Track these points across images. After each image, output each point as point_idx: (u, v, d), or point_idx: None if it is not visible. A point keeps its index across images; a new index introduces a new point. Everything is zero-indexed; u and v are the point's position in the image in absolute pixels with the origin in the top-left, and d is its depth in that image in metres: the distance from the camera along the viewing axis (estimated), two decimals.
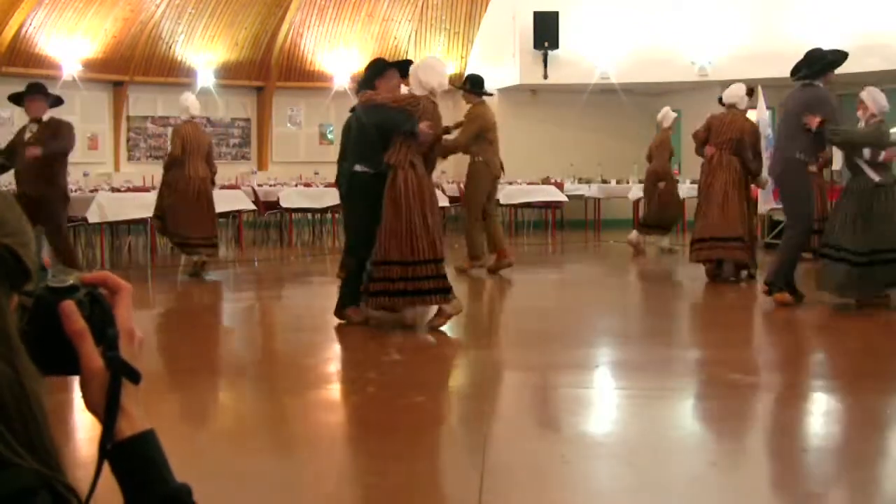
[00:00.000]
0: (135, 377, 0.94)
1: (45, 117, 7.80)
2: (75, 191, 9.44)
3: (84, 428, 3.65)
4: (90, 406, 0.93)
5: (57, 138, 7.69)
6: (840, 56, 7.08)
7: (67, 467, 0.84)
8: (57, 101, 7.95)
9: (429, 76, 6.03)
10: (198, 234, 8.89)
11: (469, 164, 9.05)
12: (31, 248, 0.85)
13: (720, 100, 8.66)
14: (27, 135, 7.76)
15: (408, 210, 5.88)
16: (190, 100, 9.07)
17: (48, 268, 0.92)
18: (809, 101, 6.90)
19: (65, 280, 0.91)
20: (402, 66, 6.48)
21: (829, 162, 8.95)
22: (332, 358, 5.83)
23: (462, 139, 8.62)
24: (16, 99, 7.91)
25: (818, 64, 6.95)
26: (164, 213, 8.95)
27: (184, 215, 8.77)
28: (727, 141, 8.30)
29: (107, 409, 0.92)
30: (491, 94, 9.70)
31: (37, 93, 7.78)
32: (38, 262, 0.87)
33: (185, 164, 8.79)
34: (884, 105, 6.87)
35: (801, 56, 7.04)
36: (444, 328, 6.17)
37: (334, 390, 5.07)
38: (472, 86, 9.06)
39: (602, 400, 4.72)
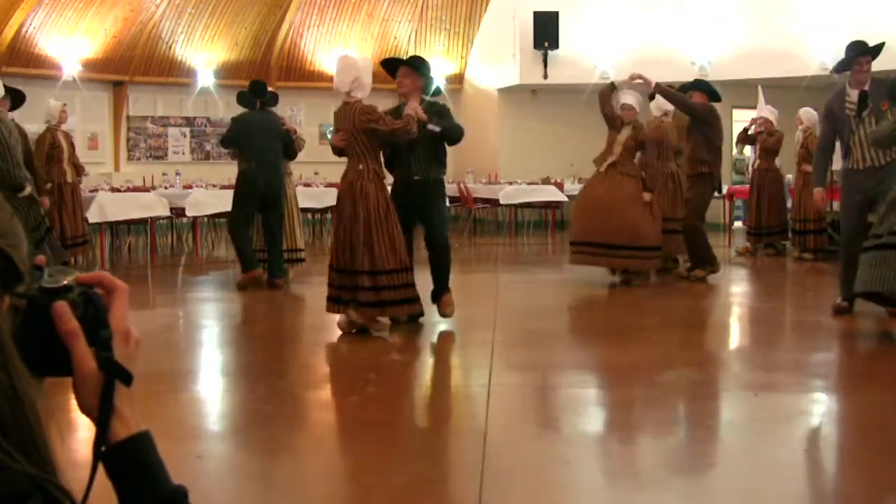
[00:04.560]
0: (127, 379, 0.92)
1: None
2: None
3: (80, 428, 3.64)
4: (84, 408, 0.92)
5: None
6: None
7: (63, 469, 0.83)
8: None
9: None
10: (70, 235, 9.35)
11: None
12: (23, 250, 0.84)
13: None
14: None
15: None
16: (51, 105, 9.09)
17: (44, 267, 0.90)
18: None
19: (59, 280, 0.90)
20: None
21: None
22: (333, 358, 5.82)
23: None
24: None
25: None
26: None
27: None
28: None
29: (100, 411, 0.91)
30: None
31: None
32: (29, 262, 0.86)
33: (51, 170, 9.10)
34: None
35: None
36: (445, 324, 6.17)
37: (334, 390, 5.07)
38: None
39: (602, 400, 4.72)
